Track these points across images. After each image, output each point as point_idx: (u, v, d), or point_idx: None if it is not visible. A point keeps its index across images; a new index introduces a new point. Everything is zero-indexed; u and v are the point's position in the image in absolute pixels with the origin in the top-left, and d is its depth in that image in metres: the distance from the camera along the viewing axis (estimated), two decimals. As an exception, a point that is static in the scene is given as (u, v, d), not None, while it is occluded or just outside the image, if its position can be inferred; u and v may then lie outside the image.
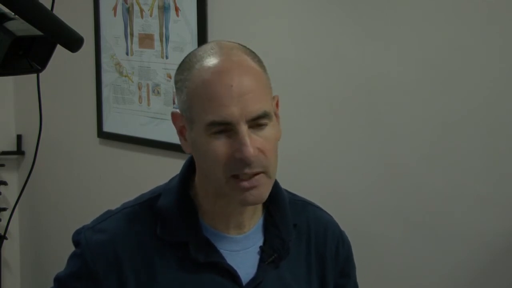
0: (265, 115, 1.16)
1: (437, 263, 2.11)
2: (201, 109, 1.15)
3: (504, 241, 2.00)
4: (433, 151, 2.10)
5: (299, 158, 2.37)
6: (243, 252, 1.26)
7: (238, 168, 1.15)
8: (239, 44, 1.24)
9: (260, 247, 1.27)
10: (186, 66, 1.21)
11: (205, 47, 1.22)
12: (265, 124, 1.17)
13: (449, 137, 2.06)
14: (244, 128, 1.14)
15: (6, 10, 1.06)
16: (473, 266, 2.06)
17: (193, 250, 1.21)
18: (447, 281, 2.11)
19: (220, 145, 1.15)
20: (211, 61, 1.17)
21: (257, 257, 1.26)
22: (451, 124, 2.05)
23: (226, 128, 1.15)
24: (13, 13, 1.05)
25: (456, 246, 2.08)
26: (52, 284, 1.29)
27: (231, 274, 1.23)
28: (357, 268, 1.45)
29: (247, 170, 1.15)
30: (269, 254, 1.26)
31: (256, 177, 1.16)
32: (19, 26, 1.07)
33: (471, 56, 2.01)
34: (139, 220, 1.25)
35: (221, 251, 1.24)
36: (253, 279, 1.24)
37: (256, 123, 1.16)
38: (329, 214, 1.41)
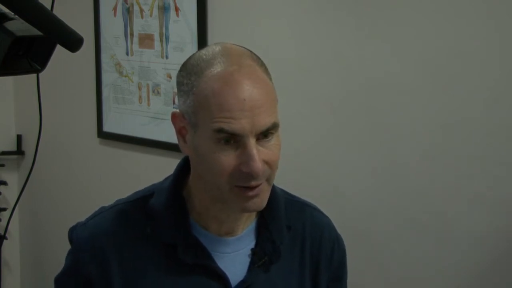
0: (273, 127, 1.15)
1: (437, 263, 2.11)
2: (209, 117, 1.13)
3: (504, 241, 2.00)
4: (433, 151, 2.10)
5: (299, 158, 2.37)
6: (234, 254, 1.25)
7: (244, 181, 1.14)
8: (245, 48, 1.22)
9: (251, 249, 1.26)
10: (193, 70, 1.17)
11: (212, 50, 1.19)
12: (272, 134, 1.16)
13: (449, 137, 2.06)
14: (252, 142, 1.13)
15: (6, 10, 1.06)
16: (473, 266, 2.06)
17: (181, 251, 1.21)
18: (447, 281, 2.11)
19: (226, 156, 1.13)
20: (222, 69, 1.15)
21: (248, 259, 1.26)
22: (451, 124, 2.05)
23: (234, 138, 1.13)
24: (13, 13, 1.05)
25: (455, 246, 2.08)
26: (53, 286, 1.29)
27: (220, 277, 1.22)
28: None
29: (253, 183, 1.14)
30: (260, 257, 1.25)
31: (259, 186, 1.16)
32: (19, 26, 1.06)
33: (471, 57, 2.01)
34: (130, 218, 1.25)
35: (212, 253, 1.23)
36: (241, 282, 1.24)
37: (263, 133, 1.15)
38: (327, 217, 1.40)
